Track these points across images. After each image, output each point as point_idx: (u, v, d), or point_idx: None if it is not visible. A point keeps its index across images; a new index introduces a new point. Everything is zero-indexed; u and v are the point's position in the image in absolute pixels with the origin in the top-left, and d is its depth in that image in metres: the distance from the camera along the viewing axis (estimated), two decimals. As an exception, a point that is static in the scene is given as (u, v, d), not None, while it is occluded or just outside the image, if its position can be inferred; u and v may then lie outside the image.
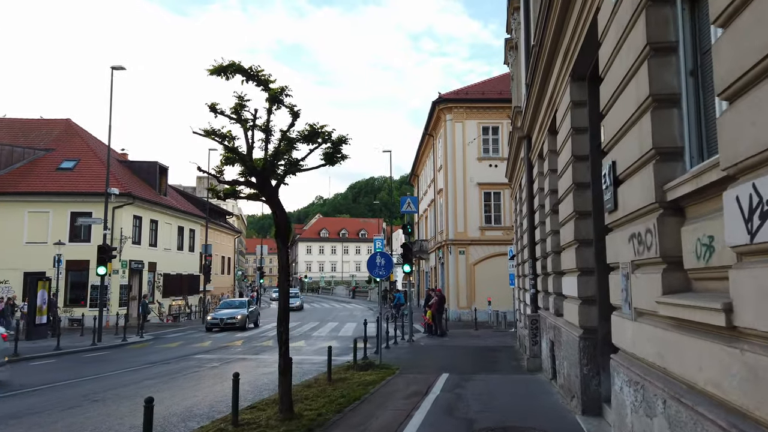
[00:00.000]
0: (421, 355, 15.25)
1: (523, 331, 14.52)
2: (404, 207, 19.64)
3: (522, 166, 13.06)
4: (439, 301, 21.16)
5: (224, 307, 27.20)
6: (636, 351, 4.06)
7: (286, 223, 6.91)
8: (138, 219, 31.84)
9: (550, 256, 9.52)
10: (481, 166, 31.06)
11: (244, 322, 24.97)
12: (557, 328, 8.50)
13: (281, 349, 7.08)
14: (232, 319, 24.70)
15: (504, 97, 30.69)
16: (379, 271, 12.56)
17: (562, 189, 7.63)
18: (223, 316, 25.11)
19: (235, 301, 29.13)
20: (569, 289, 7.35)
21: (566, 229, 7.30)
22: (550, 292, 9.71)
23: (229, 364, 13.90)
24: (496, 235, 30.37)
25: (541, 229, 11.02)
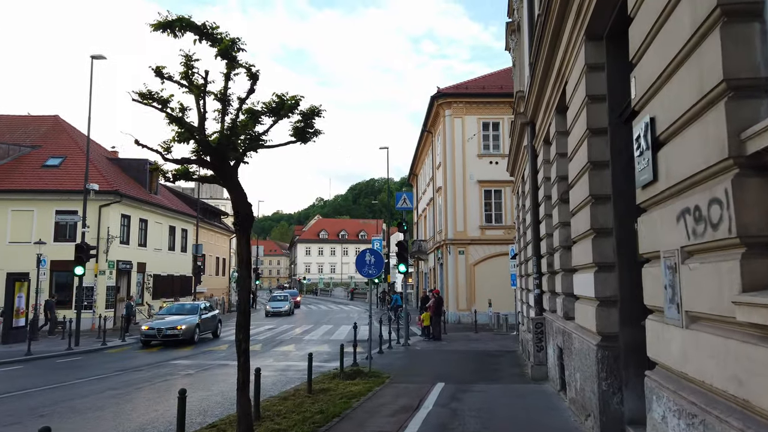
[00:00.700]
0: (416, 360, 14.16)
1: (526, 335, 13.42)
2: (399, 203, 18.56)
3: (525, 155, 11.98)
4: (436, 303, 20.06)
5: (170, 313, 21.15)
6: (689, 370, 2.97)
7: (247, 210, 5.82)
8: (126, 218, 30.76)
9: (557, 252, 8.42)
10: (481, 163, 29.97)
11: (193, 334, 18.99)
12: (567, 333, 7.40)
13: (239, 360, 6.00)
14: (172, 330, 18.61)
15: (505, 92, 29.60)
16: (368, 270, 11.48)
17: (573, 172, 6.54)
18: (163, 325, 18.96)
19: (187, 304, 22.75)
20: (583, 289, 6.25)
21: (580, 218, 6.21)
22: (558, 293, 8.61)
23: (206, 372, 12.81)
24: (497, 234, 29.28)
25: (546, 222, 9.93)
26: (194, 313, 20.41)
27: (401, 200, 18.42)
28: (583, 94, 5.89)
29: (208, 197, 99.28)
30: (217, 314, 22.99)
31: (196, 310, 20.88)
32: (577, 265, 6.49)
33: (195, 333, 19.18)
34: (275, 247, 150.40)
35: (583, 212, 6.02)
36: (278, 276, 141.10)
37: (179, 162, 5.55)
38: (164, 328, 18.67)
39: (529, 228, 12.26)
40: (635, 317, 5.31)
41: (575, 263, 6.62)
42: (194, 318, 19.82)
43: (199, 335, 19.65)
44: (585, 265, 6.03)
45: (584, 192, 5.88)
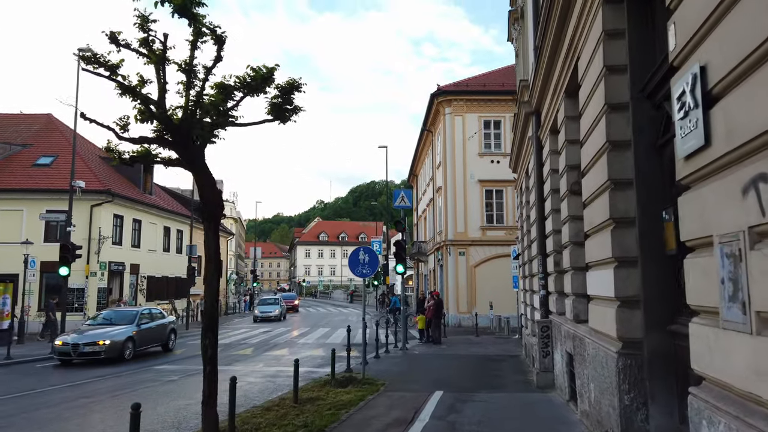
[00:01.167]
0: (413, 366, 13.40)
1: (530, 339, 12.66)
2: (397, 201, 17.83)
3: (530, 147, 11.25)
4: (436, 305, 19.30)
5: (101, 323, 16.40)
6: (763, 391, 2.22)
7: (216, 198, 5.09)
8: (119, 218, 30.04)
9: (567, 248, 7.68)
10: (482, 162, 29.25)
11: (120, 350, 14.89)
12: (579, 338, 6.65)
13: (205, 369, 5.25)
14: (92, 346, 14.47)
15: (507, 89, 28.93)
16: (362, 270, 10.73)
17: (587, 157, 5.80)
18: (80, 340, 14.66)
19: (129, 311, 18.02)
20: (599, 288, 5.51)
21: (595, 208, 5.47)
22: (567, 293, 7.87)
23: (191, 378, 12.05)
24: (499, 235, 28.53)
25: (553, 218, 9.19)
26: (130, 323, 16.02)
27: (399, 198, 17.69)
28: (600, 66, 5.16)
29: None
30: (169, 322, 18.63)
31: (134, 319, 16.24)
32: (592, 262, 5.75)
33: (125, 349, 15.04)
34: (275, 250, 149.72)
35: (600, 201, 5.28)
36: (278, 278, 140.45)
37: (136, 141, 4.83)
38: (81, 344, 14.42)
39: (533, 225, 11.53)
40: (662, 320, 4.57)
41: (589, 259, 5.88)
42: (125, 330, 15.48)
43: (134, 350, 15.49)
44: (602, 260, 5.28)
45: (602, 177, 5.14)
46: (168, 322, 18.60)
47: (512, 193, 29.00)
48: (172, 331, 18.52)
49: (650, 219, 4.65)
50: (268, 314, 34.58)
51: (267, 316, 34.51)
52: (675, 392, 4.47)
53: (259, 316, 34.76)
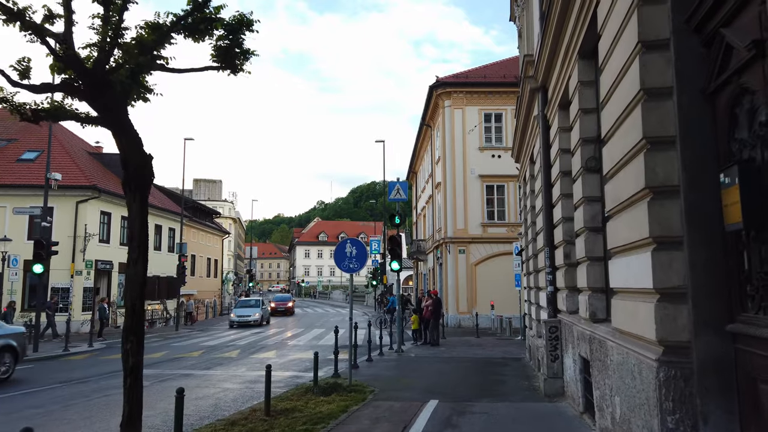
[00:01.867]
0: (408, 370, 12.31)
1: (535, 341, 11.58)
2: (392, 194, 16.74)
3: (535, 128, 10.17)
4: (434, 305, 18.21)
5: None
6: None
7: (142, 160, 4.03)
8: (106, 215, 28.99)
9: (581, 236, 6.60)
10: (483, 156, 28.17)
11: None
12: (597, 341, 5.56)
13: (126, 382, 4.15)
14: None
15: (508, 81, 27.88)
16: (349, 264, 9.65)
17: (612, 118, 4.71)
18: None
19: None
20: (627, 278, 4.42)
21: (624, 179, 4.38)
22: (581, 288, 6.78)
23: (163, 383, 10.98)
24: (500, 232, 27.44)
25: (563, 204, 8.10)
26: None
27: (394, 191, 16.61)
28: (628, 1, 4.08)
29: (206, 198, 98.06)
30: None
31: None
32: (617, 247, 4.66)
33: None
34: (275, 250, 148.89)
35: (630, 168, 4.20)
36: (278, 279, 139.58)
37: (38, 89, 3.77)
38: None
39: (539, 215, 10.43)
40: (718, 318, 3.50)
41: (613, 244, 4.78)
42: None
43: None
44: (632, 243, 4.19)
45: (633, 137, 4.06)
46: None
47: (514, 188, 27.92)
48: (10, 351, 11.71)
49: (701, 185, 3.57)
50: (245, 319, 29.32)
51: (245, 320, 29.28)
52: (736, 412, 3.39)
53: (235, 320, 29.51)
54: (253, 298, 34.45)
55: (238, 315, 30.01)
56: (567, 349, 7.82)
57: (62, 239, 26.80)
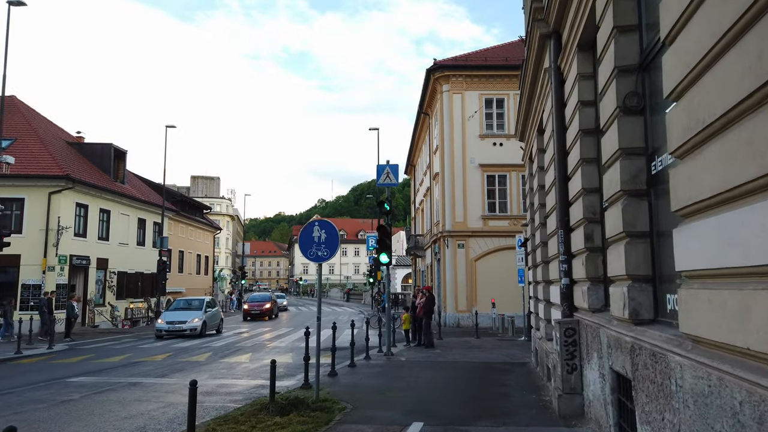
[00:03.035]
0: (394, 378, 10.51)
1: (543, 344, 9.79)
2: (381, 178, 14.93)
3: (546, 86, 8.37)
4: (427, 301, 16.43)
5: None
6: None
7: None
8: (83, 207, 27.20)
9: (615, 206, 4.79)
10: (483, 144, 26.34)
11: None
12: (648, 352, 3.76)
13: None
14: None
15: (511, 64, 26.05)
16: (317, 251, 7.85)
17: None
18: None
19: None
20: (730, 252, 2.59)
21: (708, 89, 2.56)
22: (615, 278, 4.98)
23: (98, 396, 9.18)
24: (502, 225, 25.64)
25: (584, 172, 6.32)
26: None
27: (384, 175, 14.81)
28: None
29: (203, 195, 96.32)
30: None
31: None
32: (698, 203, 2.84)
33: None
34: (275, 249, 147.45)
35: (723, 67, 2.38)
36: (278, 277, 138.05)
37: None
38: None
39: (550, 192, 8.64)
40: None
41: (691, 200, 2.96)
42: None
43: None
44: (744, 187, 2.38)
45: (728, 17, 2.25)
46: None
47: (517, 178, 26.12)
48: None
49: None
50: (177, 327, 20.58)
51: (177, 329, 20.55)
52: None
53: (164, 330, 20.67)
54: (197, 299, 24.60)
55: (168, 321, 21.00)
56: (590, 358, 6.02)
57: (33, 233, 25.11)
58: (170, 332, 20.61)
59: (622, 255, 4.50)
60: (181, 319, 21.12)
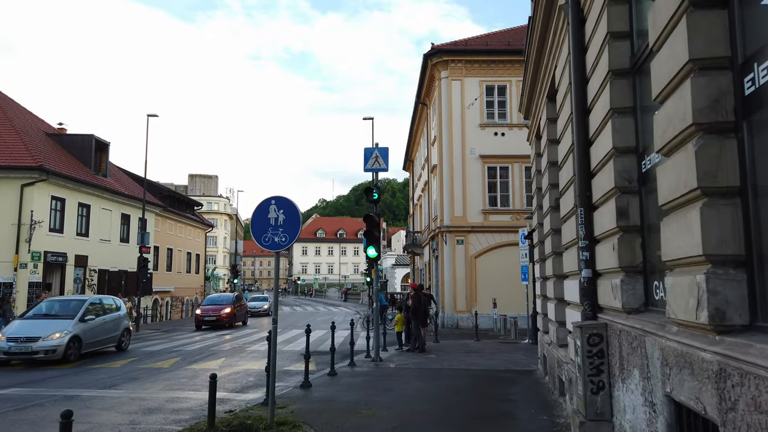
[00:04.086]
0: (377, 391, 8.91)
1: (553, 350, 8.19)
2: (369, 163, 13.33)
3: (562, 28, 6.78)
4: (414, 301, 14.82)
5: None
6: None
7: None
8: (59, 201, 25.60)
9: (678, 155, 3.16)
10: (484, 134, 24.75)
11: None
12: (764, 385, 2.13)
13: None
14: None
15: (513, 49, 24.45)
16: (273, 236, 6.24)
17: None
18: None
19: None
20: None
21: None
22: (677, 264, 3.35)
23: (18, 414, 7.59)
24: (503, 220, 24.05)
25: (615, 126, 4.72)
26: None
27: (372, 159, 13.22)
28: None
29: (201, 194, 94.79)
30: None
31: None
32: None
33: None
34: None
35: None
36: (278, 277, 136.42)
37: None
38: None
39: (564, 166, 7.04)
40: None
41: None
42: None
43: None
44: None
45: None
46: None
47: (519, 170, 24.53)
48: None
49: None
50: (23, 349, 12.69)
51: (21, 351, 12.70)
52: None
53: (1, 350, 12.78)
54: (75, 298, 16.45)
55: (11, 338, 13.04)
56: (626, 376, 4.42)
57: (5, 227, 23.59)
58: (11, 355, 12.81)
59: (694, 226, 2.90)
60: (33, 333, 13.11)
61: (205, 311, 25.68)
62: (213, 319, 25.05)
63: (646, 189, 4.57)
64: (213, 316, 25.15)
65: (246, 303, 32.62)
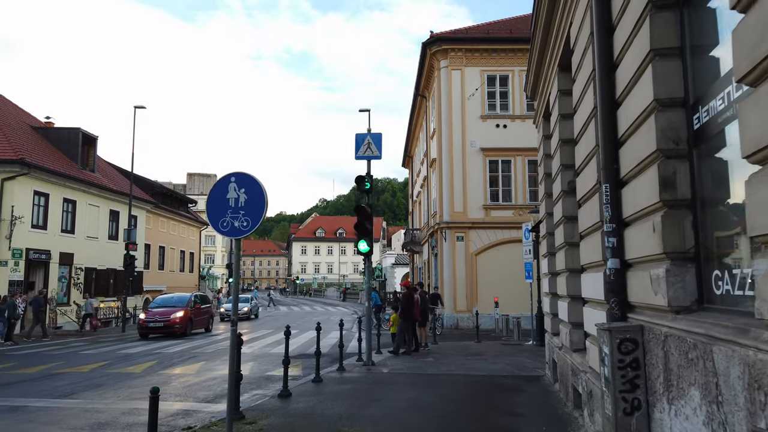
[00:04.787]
0: (365, 401, 7.85)
1: (565, 356, 7.13)
2: (360, 151, 12.26)
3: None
4: (405, 300, 13.76)
5: None
6: None
7: None
8: (42, 196, 24.56)
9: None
10: (485, 126, 23.68)
11: None
12: None
13: None
14: None
15: (516, 37, 23.42)
16: (232, 220, 5.17)
17: None
18: None
19: None
20: None
21: None
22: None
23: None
24: (505, 215, 22.99)
25: (657, 74, 3.65)
26: None
27: (363, 146, 12.16)
28: None
29: (199, 193, 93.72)
30: None
31: None
32: None
33: None
34: (274, 248, 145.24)
35: None
36: (277, 277, 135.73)
37: None
38: None
39: (581, 140, 5.97)
40: None
41: None
42: None
43: None
44: None
45: None
46: None
47: (522, 163, 23.47)
48: None
49: None
50: None
51: None
52: None
53: None
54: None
55: None
56: (680, 396, 3.35)
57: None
58: None
59: None
60: None
61: (150, 316, 20.09)
62: (159, 324, 19.65)
63: (700, 151, 3.52)
64: (159, 321, 19.74)
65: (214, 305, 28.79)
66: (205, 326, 22.95)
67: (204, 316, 22.91)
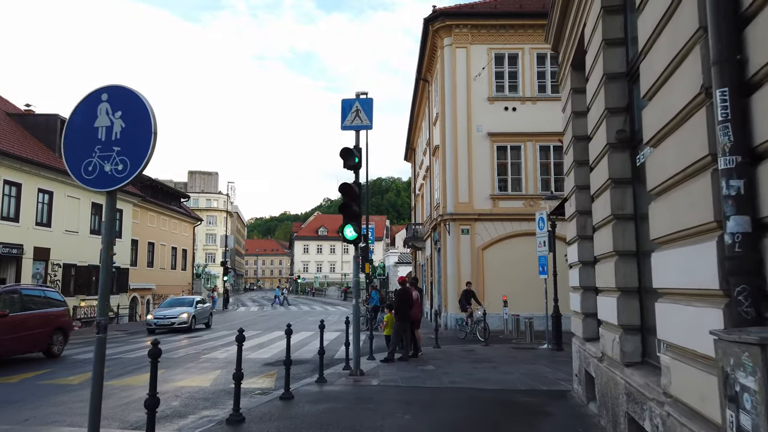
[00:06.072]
0: (344, 426, 5.89)
1: (618, 373, 5.14)
2: (348, 119, 10.29)
3: None
4: (400, 298, 11.79)
5: None
6: None
7: None
8: (13, 186, 22.71)
9: None
10: (493, 109, 21.68)
11: None
12: None
13: None
14: None
15: (526, 11, 21.47)
16: (101, 162, 3.01)
17: None
18: None
19: None
20: None
21: None
22: None
23: None
24: (515, 206, 21.01)
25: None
26: None
27: (351, 114, 10.20)
28: None
29: (200, 191, 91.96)
30: None
31: None
32: None
33: None
34: (277, 247, 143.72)
35: None
36: (280, 276, 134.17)
37: None
38: None
39: (650, 50, 3.97)
40: None
41: None
42: None
43: None
44: None
45: None
46: None
47: (533, 149, 21.47)
48: None
49: None
50: None
51: None
52: None
53: None
54: None
55: None
56: None
57: (-53, 214, 20.82)
58: None
59: None
60: None
61: None
62: None
63: None
64: None
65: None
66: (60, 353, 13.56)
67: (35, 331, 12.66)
